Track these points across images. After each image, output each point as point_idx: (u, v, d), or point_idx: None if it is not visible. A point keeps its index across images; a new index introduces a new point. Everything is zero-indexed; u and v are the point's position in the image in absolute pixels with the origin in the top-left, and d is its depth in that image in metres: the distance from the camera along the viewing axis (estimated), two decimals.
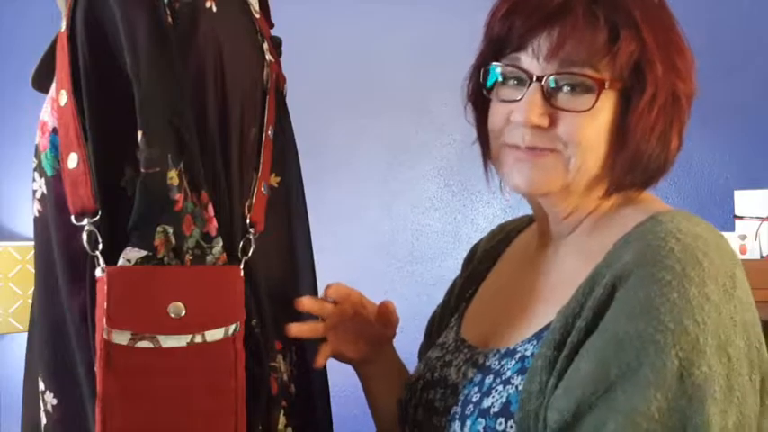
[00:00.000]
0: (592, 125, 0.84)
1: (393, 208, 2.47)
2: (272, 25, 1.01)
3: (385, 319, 1.05)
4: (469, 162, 2.40)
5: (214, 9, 0.87)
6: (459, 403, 0.88)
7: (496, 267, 1.05)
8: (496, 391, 0.84)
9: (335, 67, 2.48)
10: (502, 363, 0.86)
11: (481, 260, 1.08)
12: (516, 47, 0.86)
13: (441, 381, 0.93)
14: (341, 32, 2.50)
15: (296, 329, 0.96)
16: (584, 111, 0.83)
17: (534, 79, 0.84)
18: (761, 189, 1.77)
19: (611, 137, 0.85)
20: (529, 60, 0.85)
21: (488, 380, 0.86)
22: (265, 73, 0.95)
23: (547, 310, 0.85)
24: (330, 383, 1.03)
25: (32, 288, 0.93)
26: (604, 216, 0.89)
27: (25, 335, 0.96)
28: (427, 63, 2.40)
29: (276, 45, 0.99)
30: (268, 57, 0.95)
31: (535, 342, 0.84)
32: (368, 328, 1.05)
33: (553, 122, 0.84)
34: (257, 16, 0.96)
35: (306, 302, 0.97)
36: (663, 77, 0.83)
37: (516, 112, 0.85)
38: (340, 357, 1.05)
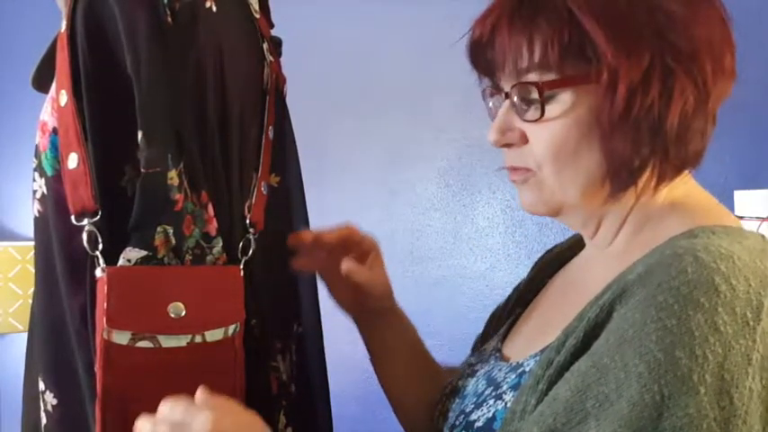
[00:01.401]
0: (557, 135, 0.77)
1: (393, 208, 2.47)
2: (272, 25, 1.01)
3: (351, 244, 1.00)
4: (469, 162, 2.42)
5: (214, 9, 0.87)
6: (456, 413, 0.86)
7: (551, 281, 0.98)
8: (487, 405, 0.81)
9: (335, 68, 2.48)
10: (505, 376, 0.83)
11: (543, 268, 1.02)
12: (489, 71, 0.84)
13: (461, 390, 0.90)
14: (341, 32, 2.50)
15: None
16: (537, 120, 0.77)
17: (505, 96, 0.81)
18: (761, 189, 1.77)
19: (590, 140, 0.77)
20: (503, 79, 0.82)
21: (487, 391, 0.83)
22: (265, 73, 0.95)
23: (561, 326, 0.78)
24: (330, 383, 1.03)
25: (32, 288, 0.93)
26: (649, 224, 0.80)
27: (25, 335, 0.96)
28: (427, 63, 2.40)
29: (276, 45, 0.99)
30: (268, 57, 0.95)
31: (538, 358, 0.79)
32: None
33: (527, 139, 0.80)
34: (257, 16, 0.96)
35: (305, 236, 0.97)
36: (612, 52, 0.73)
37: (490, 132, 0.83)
38: (339, 302, 1.03)
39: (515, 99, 0.79)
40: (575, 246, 0.96)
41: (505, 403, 0.78)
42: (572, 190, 0.79)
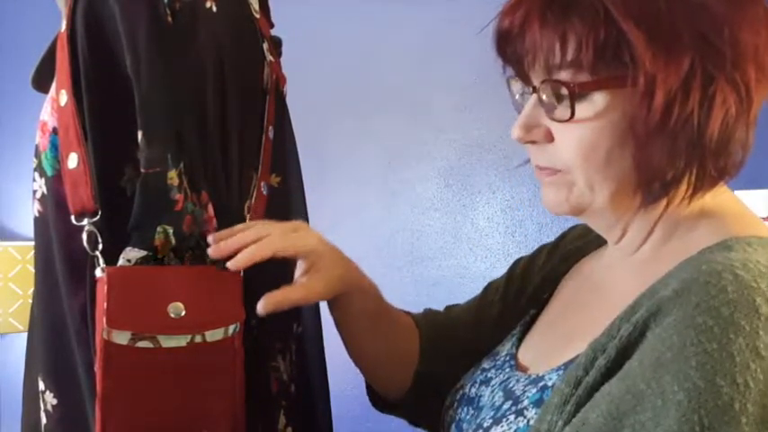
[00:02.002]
0: (587, 138, 0.73)
1: (393, 208, 2.47)
2: (272, 25, 1.01)
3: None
4: (469, 162, 2.42)
5: (214, 9, 0.87)
6: (473, 427, 0.83)
7: (566, 278, 0.94)
8: (507, 420, 0.77)
9: (336, 67, 2.48)
10: (525, 389, 0.79)
11: (558, 264, 0.97)
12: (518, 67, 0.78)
13: (474, 400, 0.87)
14: (341, 32, 2.50)
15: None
16: (567, 120, 0.73)
17: (533, 91, 0.76)
18: (761, 189, 1.77)
19: (623, 146, 0.72)
20: (532, 74, 0.77)
21: (506, 406, 0.79)
22: (265, 73, 0.95)
23: (586, 338, 0.73)
24: (330, 383, 1.03)
25: (32, 288, 0.93)
26: (677, 232, 0.76)
27: (25, 335, 0.96)
28: (427, 63, 2.40)
29: (276, 45, 0.99)
30: (268, 57, 0.95)
31: (561, 372, 0.75)
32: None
33: (554, 138, 0.75)
34: (257, 16, 0.96)
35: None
36: (650, 57, 0.69)
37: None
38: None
39: (544, 96, 0.74)
40: (589, 242, 0.93)
41: (527, 420, 0.74)
42: (601, 195, 0.75)
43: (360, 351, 0.99)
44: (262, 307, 0.84)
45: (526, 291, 0.99)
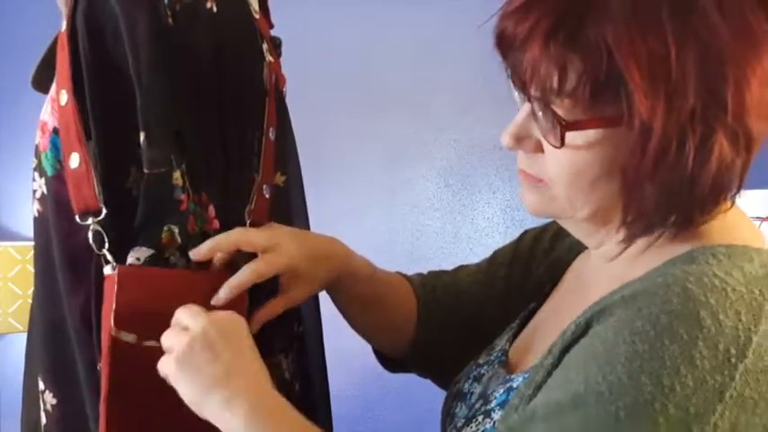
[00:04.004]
0: (576, 164, 0.71)
1: (393, 208, 2.47)
2: (271, 26, 1.01)
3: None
4: (469, 162, 2.42)
5: (214, 9, 0.87)
6: (452, 427, 0.84)
7: (566, 278, 0.93)
8: (476, 422, 0.79)
9: (336, 67, 2.48)
10: (494, 390, 0.80)
11: (563, 254, 0.96)
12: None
13: (467, 396, 0.88)
14: (341, 33, 2.50)
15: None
16: (555, 147, 0.71)
17: (527, 99, 0.73)
18: (761, 189, 1.76)
19: (611, 178, 0.71)
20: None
21: (477, 405, 0.81)
22: (265, 73, 0.95)
23: (556, 341, 0.74)
24: (330, 383, 1.03)
25: (32, 288, 0.93)
26: (657, 242, 0.75)
27: (25, 335, 0.96)
28: (427, 63, 2.41)
29: (276, 46, 0.99)
30: (268, 57, 0.95)
31: (527, 375, 0.75)
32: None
33: (540, 149, 0.74)
34: (257, 17, 0.96)
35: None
36: (648, 104, 0.66)
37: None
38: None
39: (538, 113, 0.72)
40: None
41: (494, 422, 0.76)
42: (581, 212, 0.74)
43: (357, 325, 1.02)
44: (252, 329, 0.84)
45: (531, 273, 0.99)
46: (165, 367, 0.76)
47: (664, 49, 0.66)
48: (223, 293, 0.84)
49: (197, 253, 0.84)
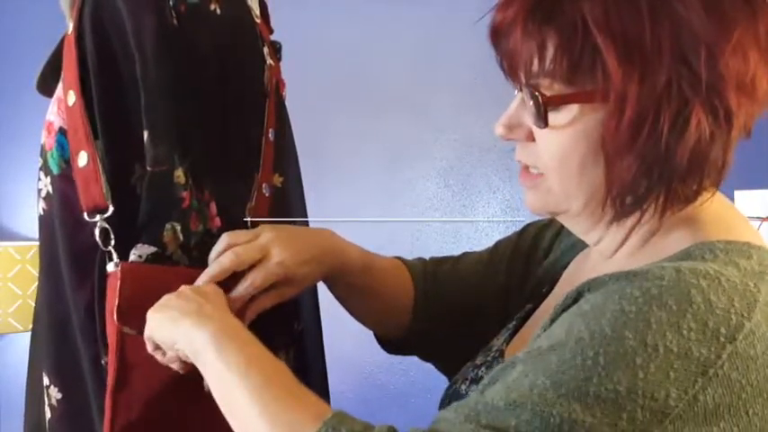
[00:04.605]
0: (562, 145, 0.73)
1: (393, 208, 2.47)
2: (271, 31, 1.02)
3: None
4: (469, 162, 2.42)
5: (218, 12, 0.88)
6: None
7: (564, 278, 0.93)
8: None
9: (335, 68, 2.48)
10: None
11: (561, 255, 0.97)
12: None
13: (462, 397, 0.85)
14: (341, 33, 2.50)
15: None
16: (542, 128, 0.73)
17: (519, 90, 0.76)
18: (761, 189, 1.77)
19: (596, 155, 0.72)
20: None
21: None
22: (266, 76, 0.95)
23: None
24: (330, 383, 1.03)
25: (32, 288, 0.94)
26: (653, 238, 0.76)
27: (25, 335, 0.97)
28: (427, 63, 2.40)
29: (276, 50, 1.00)
30: (268, 60, 0.96)
31: None
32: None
33: (532, 137, 0.76)
34: (258, 21, 0.96)
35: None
36: (623, 76, 0.68)
37: None
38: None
39: (526, 97, 0.74)
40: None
41: None
42: (576, 203, 0.76)
43: (353, 312, 1.02)
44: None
45: (530, 271, 0.99)
46: (147, 328, 0.80)
47: (638, 23, 0.68)
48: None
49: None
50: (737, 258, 0.68)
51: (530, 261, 1.00)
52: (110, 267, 0.83)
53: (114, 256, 0.82)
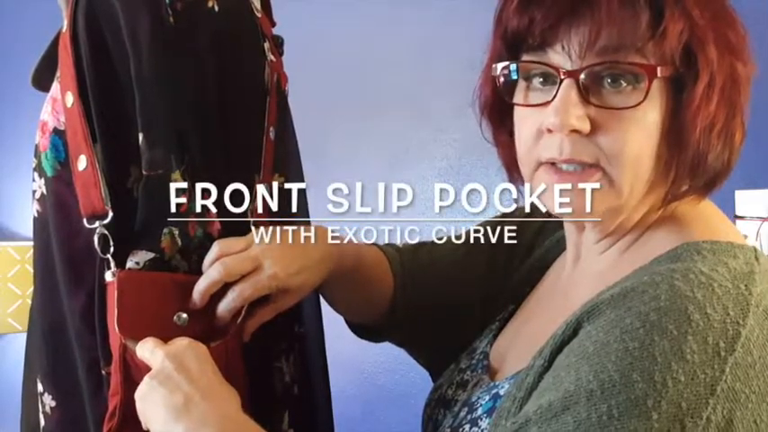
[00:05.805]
0: (639, 129, 0.70)
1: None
2: (273, 24, 1.01)
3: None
4: (469, 162, 2.41)
5: (216, 8, 0.87)
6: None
7: (547, 278, 0.92)
8: (462, 431, 0.78)
9: (336, 68, 2.47)
10: (479, 397, 0.79)
11: (545, 253, 0.95)
12: (540, 42, 0.73)
13: (451, 402, 0.87)
14: (341, 32, 2.49)
15: None
16: (635, 106, 0.70)
17: (567, 75, 0.71)
18: (761, 189, 1.76)
19: (663, 140, 0.71)
20: (558, 56, 0.72)
21: (462, 413, 0.80)
22: (266, 73, 0.94)
23: (541, 342, 0.73)
24: (330, 384, 1.03)
25: (32, 288, 0.93)
26: (640, 239, 0.76)
27: (24, 335, 0.96)
28: (427, 63, 2.40)
29: (278, 44, 0.99)
30: (269, 56, 0.95)
31: (512, 380, 0.75)
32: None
33: (594, 128, 0.71)
34: (259, 15, 0.96)
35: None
36: (718, 59, 0.70)
37: (551, 115, 0.72)
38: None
39: (599, 78, 0.71)
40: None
41: (482, 430, 0.75)
42: (638, 193, 0.74)
43: (334, 304, 1.00)
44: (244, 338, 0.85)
45: (512, 266, 0.98)
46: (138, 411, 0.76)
47: (728, 13, 0.74)
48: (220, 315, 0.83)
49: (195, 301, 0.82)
50: (725, 258, 0.69)
51: (512, 258, 0.99)
52: (107, 277, 0.81)
53: (112, 264, 0.81)
